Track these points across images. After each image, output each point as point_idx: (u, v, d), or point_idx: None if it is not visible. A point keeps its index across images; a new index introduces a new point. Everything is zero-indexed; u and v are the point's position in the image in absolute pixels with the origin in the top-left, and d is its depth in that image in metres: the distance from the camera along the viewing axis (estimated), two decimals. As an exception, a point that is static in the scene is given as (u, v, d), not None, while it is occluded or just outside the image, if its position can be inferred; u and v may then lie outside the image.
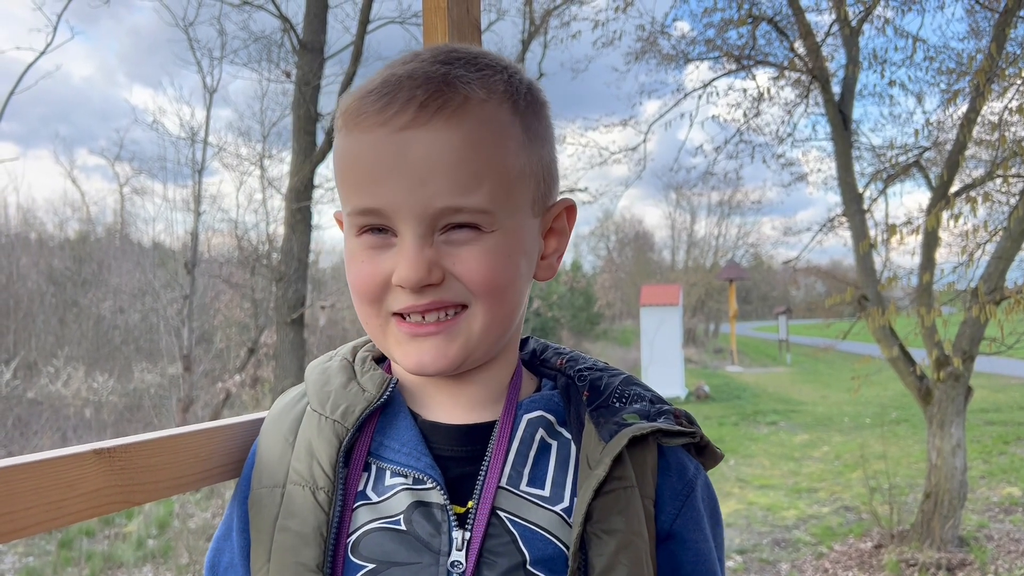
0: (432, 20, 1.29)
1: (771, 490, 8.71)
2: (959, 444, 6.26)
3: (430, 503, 0.77)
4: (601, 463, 0.76)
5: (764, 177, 49.32)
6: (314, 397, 0.84)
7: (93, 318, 15.37)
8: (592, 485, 0.75)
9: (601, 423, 0.80)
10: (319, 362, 0.90)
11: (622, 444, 0.77)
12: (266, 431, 0.87)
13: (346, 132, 0.77)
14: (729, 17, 8.02)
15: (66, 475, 0.74)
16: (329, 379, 0.85)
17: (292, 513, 0.78)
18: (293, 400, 0.88)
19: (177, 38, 23.21)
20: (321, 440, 0.79)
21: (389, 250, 0.76)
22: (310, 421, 0.82)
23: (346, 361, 0.87)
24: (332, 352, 0.92)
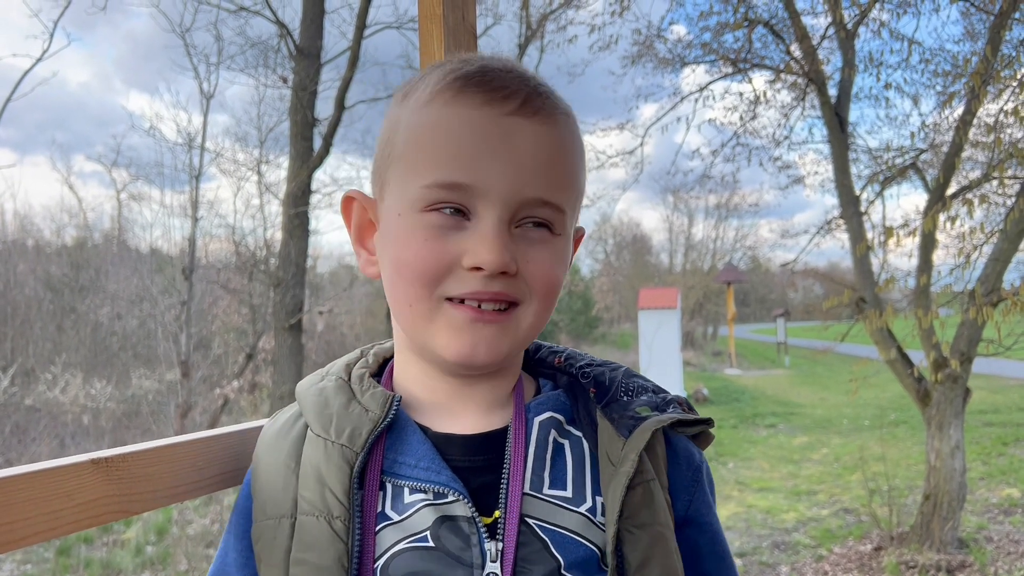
0: (428, 27, 1.30)
1: (770, 493, 8.71)
2: (958, 445, 6.26)
3: (455, 516, 0.74)
4: (627, 459, 0.76)
5: (761, 180, 49.47)
6: (315, 421, 0.80)
7: (91, 324, 15.35)
8: (623, 482, 0.75)
9: (615, 419, 0.80)
10: (311, 383, 0.85)
11: (646, 438, 0.78)
12: (262, 460, 0.82)
13: (440, 105, 0.75)
14: (725, 21, 8.04)
15: (64, 485, 0.74)
16: (328, 401, 0.81)
17: (308, 545, 0.74)
18: (287, 424, 0.83)
19: (174, 44, 23.20)
20: (331, 466, 0.76)
21: (460, 232, 0.74)
22: (315, 447, 0.78)
23: (342, 381, 0.83)
24: (322, 371, 0.87)
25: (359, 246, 0.85)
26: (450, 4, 1.31)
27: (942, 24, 22.02)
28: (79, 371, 13.37)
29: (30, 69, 14.37)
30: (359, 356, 0.89)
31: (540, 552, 0.74)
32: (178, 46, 15.09)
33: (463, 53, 1.26)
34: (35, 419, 11.75)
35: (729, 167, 9.68)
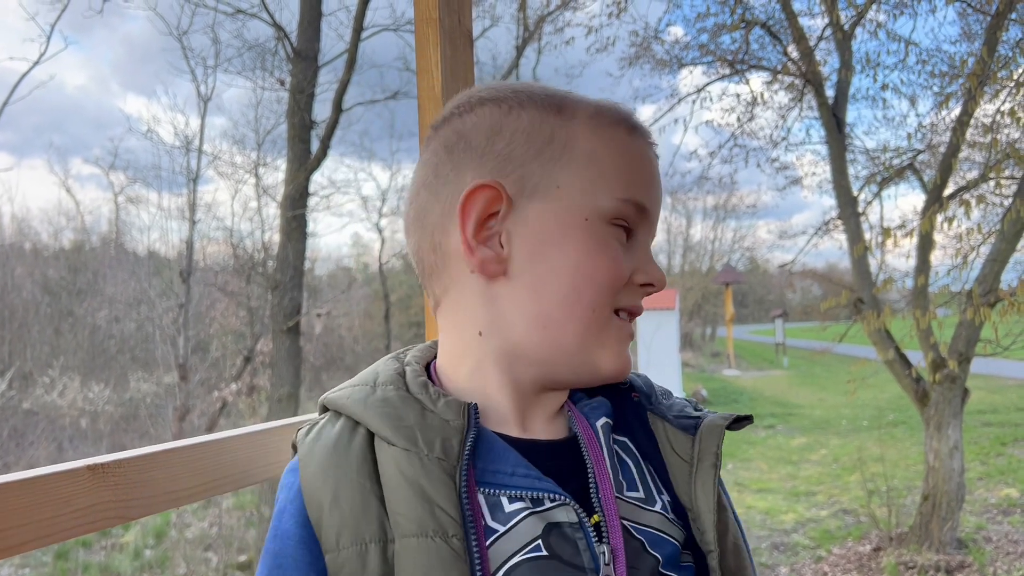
0: (424, 30, 1.30)
1: (769, 494, 8.71)
2: (956, 446, 6.27)
3: (560, 523, 0.73)
4: (708, 453, 0.81)
5: (759, 181, 49.46)
6: (394, 433, 0.72)
7: (88, 328, 15.34)
8: (712, 475, 0.81)
9: (670, 419, 0.85)
10: (363, 394, 0.77)
11: (722, 434, 0.84)
12: (319, 482, 0.72)
13: (624, 133, 0.80)
14: (722, 22, 8.05)
15: (60, 491, 0.74)
16: (399, 412, 0.74)
17: (424, 568, 0.68)
18: (341, 440, 0.74)
19: (171, 47, 23.28)
20: (434, 481, 0.70)
21: (629, 248, 0.80)
22: (405, 461, 0.71)
23: (403, 391, 0.77)
24: (365, 379, 0.80)
25: (478, 241, 0.76)
26: (446, 7, 1.31)
27: (939, 25, 22.10)
28: (77, 374, 13.35)
29: (27, 72, 14.35)
30: (400, 363, 0.82)
31: (640, 552, 0.75)
32: (175, 49, 15.10)
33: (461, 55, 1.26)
34: (33, 423, 11.73)
35: (727, 168, 9.71)
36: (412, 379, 0.78)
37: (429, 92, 1.31)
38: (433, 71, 1.30)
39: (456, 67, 1.35)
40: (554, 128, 0.78)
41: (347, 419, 0.76)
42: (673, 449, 0.83)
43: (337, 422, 0.76)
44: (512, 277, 0.76)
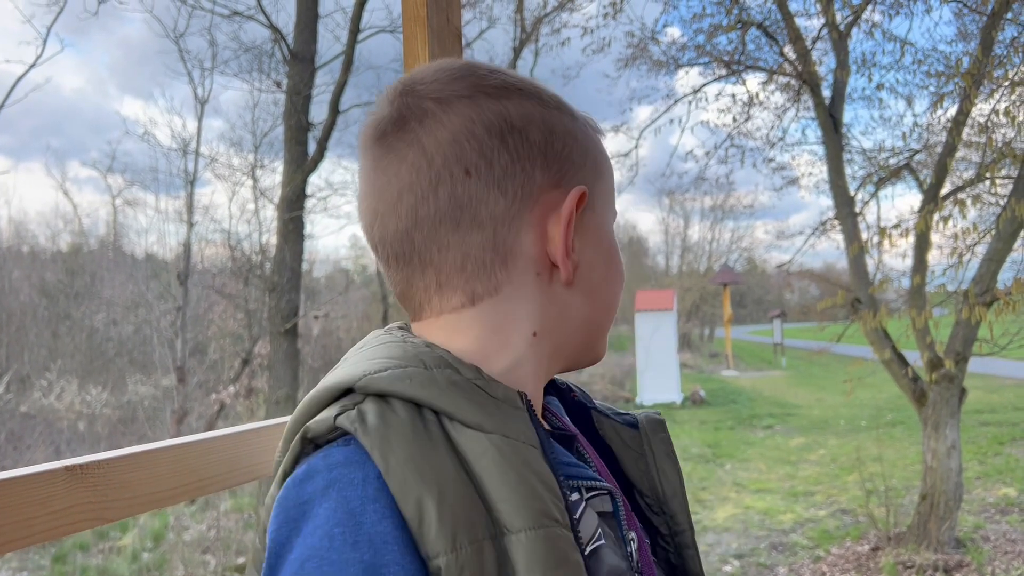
0: (412, 29, 1.29)
1: (768, 494, 8.71)
2: (954, 445, 6.27)
3: (603, 512, 0.73)
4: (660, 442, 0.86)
5: (756, 181, 49.55)
6: (488, 420, 0.66)
7: (86, 331, 15.33)
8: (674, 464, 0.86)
9: (612, 415, 0.88)
10: (424, 376, 0.67)
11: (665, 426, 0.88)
12: (411, 478, 0.61)
13: (602, 142, 0.82)
14: (719, 23, 8.06)
15: (38, 492, 0.73)
16: (478, 398, 0.68)
17: (548, 560, 0.62)
18: (418, 427, 0.64)
19: (168, 49, 23.28)
20: (540, 468, 0.65)
21: None
22: (507, 449, 0.65)
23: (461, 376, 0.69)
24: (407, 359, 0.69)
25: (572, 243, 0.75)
26: (434, 6, 1.31)
27: (934, 25, 22.08)
28: (74, 377, 13.34)
29: (24, 75, 14.35)
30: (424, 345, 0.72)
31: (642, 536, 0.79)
32: (172, 51, 15.10)
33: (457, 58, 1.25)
34: (30, 426, 11.72)
35: (724, 169, 9.73)
36: (458, 363, 0.70)
37: (417, 91, 1.30)
38: (421, 70, 1.30)
39: (444, 66, 1.35)
40: (588, 136, 0.79)
41: (406, 403, 0.65)
42: (625, 443, 0.86)
43: (392, 404, 0.65)
44: (574, 284, 0.76)
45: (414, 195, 0.71)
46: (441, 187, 0.70)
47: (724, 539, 7.24)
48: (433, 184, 0.70)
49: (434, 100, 0.72)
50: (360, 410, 0.64)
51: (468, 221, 0.71)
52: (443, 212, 0.70)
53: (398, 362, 0.68)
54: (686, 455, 10.93)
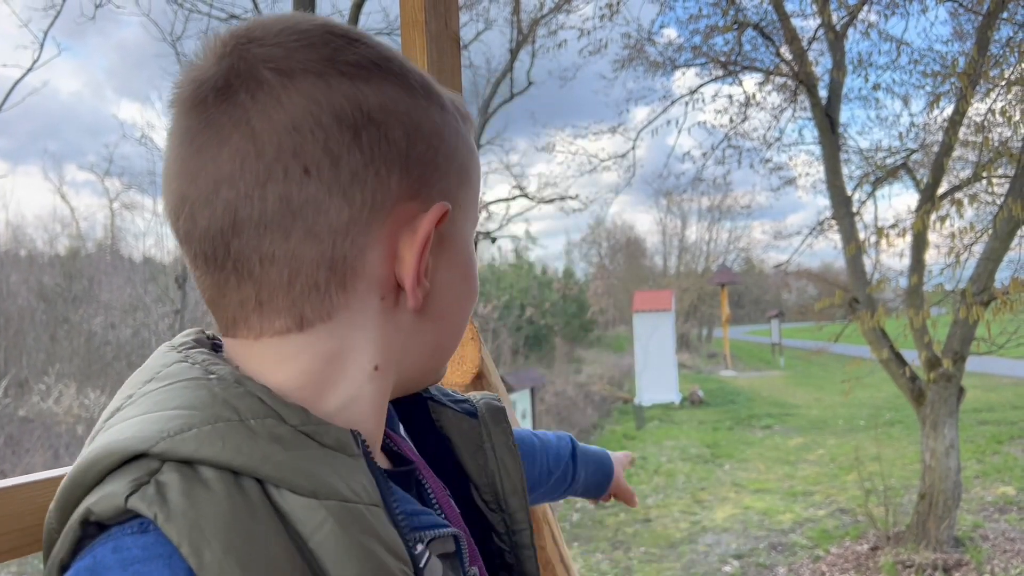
0: (410, 34, 1.29)
1: (767, 494, 8.71)
2: (952, 444, 6.28)
3: (446, 554, 0.64)
4: (501, 433, 0.80)
5: (753, 182, 49.56)
6: (321, 484, 0.53)
7: (84, 334, 15.31)
8: (514, 456, 0.79)
9: (449, 404, 0.80)
10: (239, 433, 0.52)
11: (505, 415, 0.81)
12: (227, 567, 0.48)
13: (471, 134, 0.68)
14: (715, 23, 8.07)
15: (42, 499, 0.73)
16: (308, 454, 0.54)
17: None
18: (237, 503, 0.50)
19: (165, 52, 23.25)
20: (388, 534, 0.55)
21: None
22: (348, 518, 0.53)
23: (284, 424, 0.55)
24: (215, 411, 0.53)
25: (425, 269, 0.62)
26: (432, 10, 1.31)
27: (930, 25, 22.13)
28: (73, 381, 13.32)
29: (21, 79, 14.35)
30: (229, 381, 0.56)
31: (483, 569, 0.71)
32: (169, 55, 15.08)
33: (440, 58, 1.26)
34: (29, 430, 11.70)
35: (721, 169, 9.70)
36: (280, 405, 0.56)
37: (416, 96, 1.30)
38: (419, 75, 1.30)
39: (443, 71, 1.35)
40: (457, 133, 0.65)
41: (219, 471, 0.51)
42: (463, 434, 0.78)
43: (201, 474, 0.50)
44: (424, 308, 0.63)
45: (235, 191, 0.55)
46: (271, 185, 0.55)
47: (723, 539, 7.24)
48: (260, 180, 0.55)
49: (274, 70, 0.56)
50: (159, 485, 0.49)
51: (301, 231, 0.56)
52: (270, 217, 0.56)
53: (203, 414, 0.53)
54: (685, 455, 10.94)
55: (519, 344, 18.58)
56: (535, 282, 23.11)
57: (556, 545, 1.48)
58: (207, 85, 0.57)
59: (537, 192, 17.87)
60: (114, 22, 33.18)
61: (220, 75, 0.57)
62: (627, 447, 11.72)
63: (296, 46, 0.57)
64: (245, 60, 0.57)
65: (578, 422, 13.11)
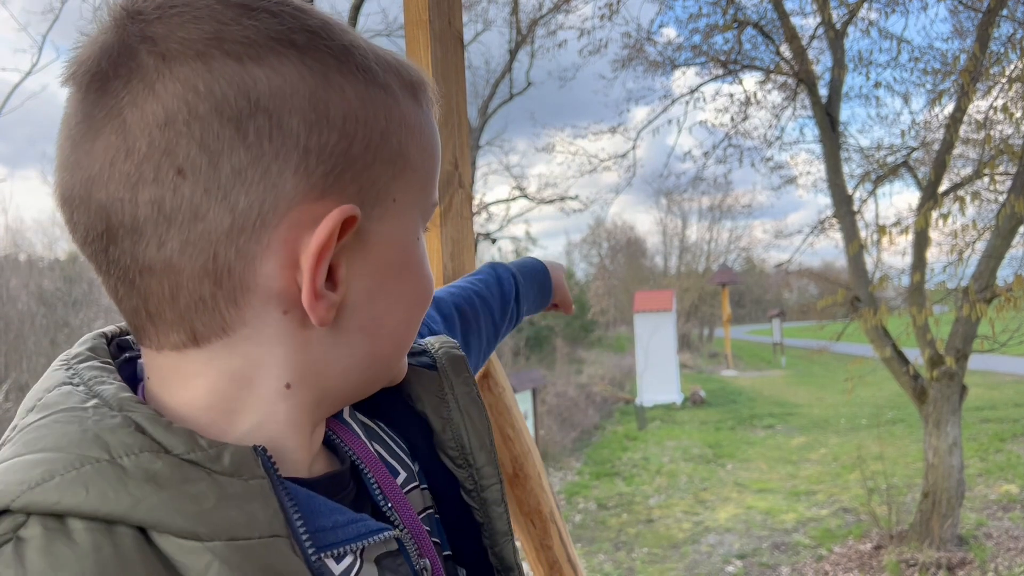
0: (414, 32, 1.29)
1: (769, 494, 8.70)
2: (955, 443, 6.27)
3: (383, 555, 0.60)
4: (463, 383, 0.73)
5: (754, 181, 49.60)
6: (203, 524, 0.47)
7: (85, 338, 15.31)
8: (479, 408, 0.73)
9: None
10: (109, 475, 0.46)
11: (467, 364, 0.75)
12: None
13: (420, 107, 0.59)
14: (715, 23, 8.07)
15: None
16: (191, 491, 0.48)
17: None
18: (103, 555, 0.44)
19: (164, 56, 23.06)
20: (285, 564, 0.49)
21: None
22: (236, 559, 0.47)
23: (167, 455, 0.48)
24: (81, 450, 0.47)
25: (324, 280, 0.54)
26: (436, 9, 1.31)
27: (931, 22, 22.16)
28: (74, 385, 13.34)
29: (19, 83, 14.39)
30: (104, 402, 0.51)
31: (437, 546, 0.68)
32: (168, 58, 15.07)
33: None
34: (30, 434, 11.72)
35: (721, 169, 9.73)
36: (161, 432, 0.49)
37: (420, 94, 1.30)
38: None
39: (447, 70, 1.34)
40: (387, 112, 0.56)
41: (88, 522, 0.45)
42: (425, 387, 0.72)
43: (67, 525, 0.45)
44: (341, 320, 0.56)
45: (105, 192, 0.49)
46: (141, 189, 0.49)
47: (726, 539, 7.23)
48: (131, 183, 0.49)
49: (152, 52, 0.49)
50: (18, 542, 0.44)
51: (177, 240, 0.50)
52: (142, 224, 0.49)
53: (67, 456, 0.47)
54: (687, 455, 10.93)
55: (520, 345, 18.58)
56: (535, 283, 23.06)
57: (563, 545, 1.47)
58: (85, 67, 0.50)
59: (537, 193, 17.90)
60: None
61: (96, 56, 0.49)
62: (629, 448, 11.72)
63: (179, 22, 0.49)
64: (123, 40, 0.49)
65: (580, 423, 13.10)
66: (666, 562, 6.80)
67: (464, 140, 1.38)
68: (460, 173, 1.37)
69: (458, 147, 1.36)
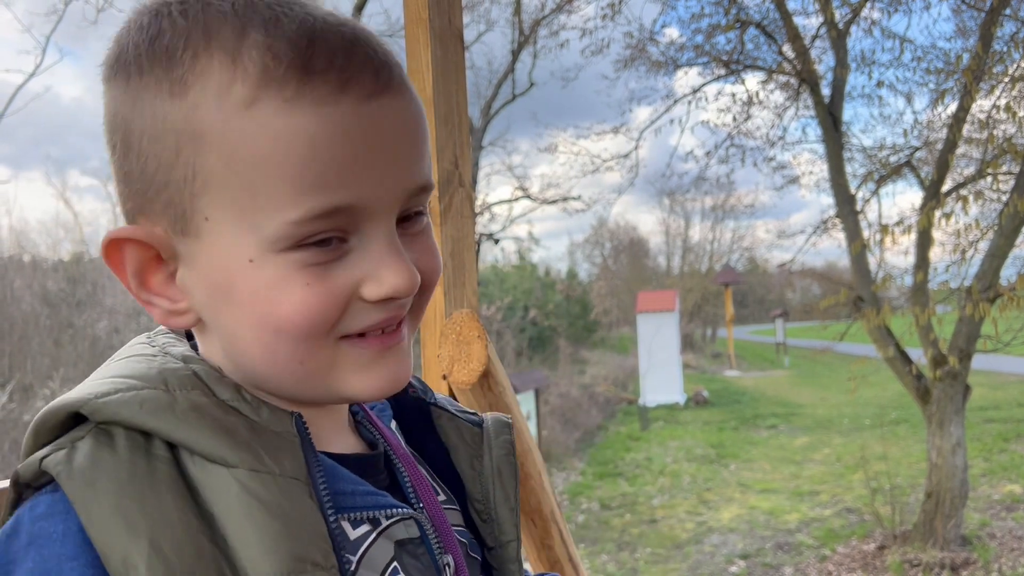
0: (414, 31, 1.29)
1: (772, 494, 8.69)
2: (959, 443, 6.26)
3: (403, 540, 0.65)
4: (502, 445, 0.78)
5: (756, 181, 49.52)
6: (231, 451, 0.55)
7: (88, 339, 15.32)
8: (513, 470, 0.77)
9: (453, 411, 0.79)
10: (159, 400, 0.56)
11: (512, 430, 0.79)
12: (116, 529, 0.52)
13: (280, 104, 0.53)
14: (717, 22, 8.07)
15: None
16: (225, 424, 0.57)
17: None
18: (138, 466, 0.54)
19: (167, 57, 23.16)
20: (298, 504, 0.56)
21: (344, 259, 0.58)
22: (256, 485, 0.55)
23: (213, 397, 0.59)
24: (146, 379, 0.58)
25: (148, 292, 0.60)
26: (436, 8, 1.31)
27: (933, 21, 22.14)
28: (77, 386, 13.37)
29: (23, 84, 14.39)
30: (177, 360, 0.61)
31: (466, 555, 0.72)
32: (171, 59, 15.08)
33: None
34: (34, 435, 11.75)
35: (724, 169, 9.70)
36: (214, 381, 0.59)
37: (420, 93, 1.29)
38: (424, 72, 1.29)
39: (447, 68, 1.34)
40: (177, 127, 0.55)
41: (129, 434, 0.55)
42: (464, 440, 0.77)
43: (115, 440, 0.55)
44: (207, 324, 0.61)
45: None
46: None
47: (729, 539, 7.22)
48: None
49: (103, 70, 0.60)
50: (73, 449, 0.54)
51: None
52: None
53: (134, 383, 0.57)
54: (690, 456, 10.92)
55: (523, 346, 18.57)
56: (538, 283, 23.10)
57: (564, 544, 1.47)
58: None
59: (540, 193, 17.89)
60: (115, 26, 33.22)
61: None
62: (632, 448, 11.71)
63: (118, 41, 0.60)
64: None
65: (582, 423, 13.09)
66: (669, 562, 6.80)
67: (464, 139, 1.38)
68: (460, 172, 1.37)
69: (458, 146, 1.36)
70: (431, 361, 1.33)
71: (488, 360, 1.31)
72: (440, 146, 1.31)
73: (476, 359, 1.31)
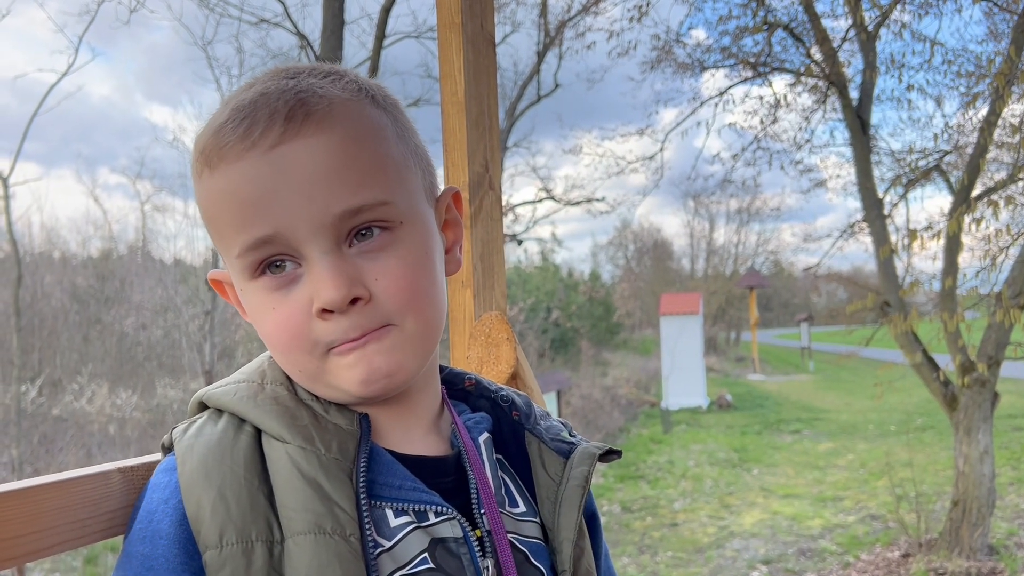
0: (447, 35, 1.30)
1: (796, 499, 8.62)
2: (987, 450, 6.18)
3: (445, 538, 0.73)
4: (574, 478, 0.82)
5: (783, 184, 49.07)
6: (287, 431, 0.71)
7: (116, 335, 15.51)
8: (578, 501, 0.81)
9: (546, 439, 0.85)
10: (250, 391, 0.75)
11: (593, 463, 0.83)
12: (200, 477, 0.68)
13: (209, 172, 0.70)
14: (744, 24, 8.02)
15: (91, 494, 0.75)
16: (293, 412, 0.73)
17: (318, 567, 0.66)
18: (225, 436, 0.72)
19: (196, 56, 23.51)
20: (333, 480, 0.69)
21: (298, 282, 0.71)
22: (302, 458, 0.69)
23: (293, 394, 0.76)
24: (251, 376, 0.78)
25: (242, 312, 0.80)
26: (469, 12, 1.32)
27: (965, 24, 21.86)
28: (105, 381, 13.51)
29: (56, 84, 14.66)
30: (278, 371, 0.78)
31: (524, 564, 0.77)
32: (200, 58, 15.30)
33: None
34: (62, 429, 11.88)
35: (750, 171, 9.65)
36: (298, 388, 0.76)
37: (452, 97, 1.31)
38: (456, 76, 1.31)
39: (479, 71, 1.36)
40: (196, 198, 0.75)
41: (231, 416, 0.74)
42: (544, 468, 0.84)
43: (220, 419, 0.74)
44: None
45: None
46: None
47: (751, 544, 7.18)
48: None
49: None
50: (191, 424, 0.75)
51: None
52: None
53: (239, 378, 0.78)
54: (712, 460, 10.86)
55: (545, 347, 18.56)
56: (561, 285, 23.06)
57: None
58: None
59: (564, 194, 17.87)
60: (145, 27, 33.59)
61: None
62: (654, 451, 11.67)
63: None
64: None
65: (604, 425, 13.07)
66: (690, 566, 6.77)
67: (495, 143, 1.39)
68: (491, 176, 1.38)
69: (489, 149, 1.37)
70: (460, 362, 1.35)
71: (516, 362, 1.32)
72: (471, 149, 1.32)
73: (505, 361, 1.32)
